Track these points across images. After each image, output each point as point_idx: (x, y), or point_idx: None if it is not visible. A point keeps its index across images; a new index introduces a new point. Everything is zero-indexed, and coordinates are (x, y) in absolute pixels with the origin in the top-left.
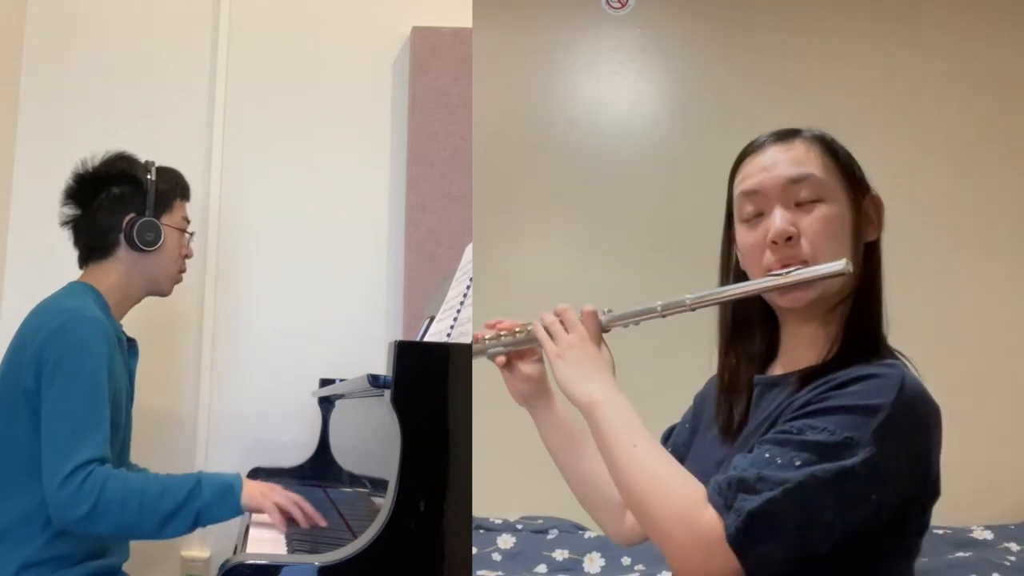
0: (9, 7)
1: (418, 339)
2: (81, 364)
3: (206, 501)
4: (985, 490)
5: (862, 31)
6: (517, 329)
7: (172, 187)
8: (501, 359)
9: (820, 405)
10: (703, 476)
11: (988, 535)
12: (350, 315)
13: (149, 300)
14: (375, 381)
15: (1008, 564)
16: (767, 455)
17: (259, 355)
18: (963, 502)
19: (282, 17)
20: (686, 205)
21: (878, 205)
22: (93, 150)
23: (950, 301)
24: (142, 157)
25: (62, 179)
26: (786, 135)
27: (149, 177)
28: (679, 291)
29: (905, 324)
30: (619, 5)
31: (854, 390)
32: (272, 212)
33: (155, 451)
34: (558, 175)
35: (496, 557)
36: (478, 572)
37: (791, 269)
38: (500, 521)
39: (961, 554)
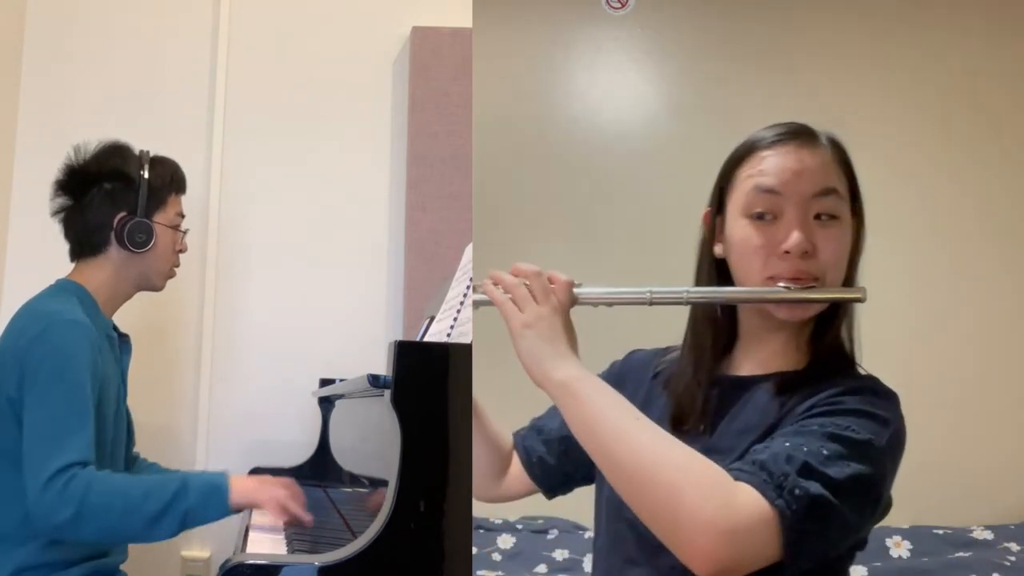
0: (9, 7)
1: (418, 339)
2: (62, 369)
3: (192, 502)
4: (985, 490)
5: (863, 31)
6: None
7: (166, 183)
8: None
9: (835, 407)
10: None
11: (988, 535)
12: (350, 315)
13: (148, 300)
14: (375, 381)
15: (1008, 564)
16: (787, 444)
17: (259, 355)
18: (963, 502)
19: (282, 17)
20: (686, 204)
21: (863, 223)
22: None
23: (949, 301)
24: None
25: None
26: (807, 134)
27: (142, 174)
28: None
29: (905, 323)
30: (619, 5)
31: (868, 399)
32: (272, 212)
33: (155, 451)
34: (558, 175)
35: (496, 557)
36: (478, 572)
37: (803, 284)
38: (500, 521)
39: (961, 554)
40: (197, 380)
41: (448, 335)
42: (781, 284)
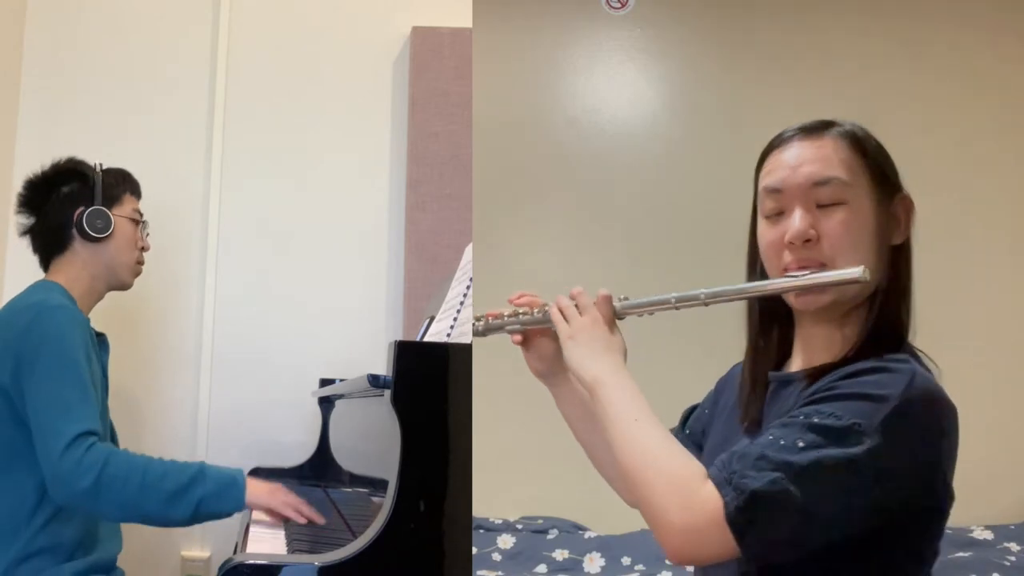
0: (9, 7)
1: (418, 339)
2: (59, 349)
3: (209, 490)
4: (985, 490)
5: (861, 30)
6: (536, 309)
7: (120, 181)
8: (517, 337)
9: (828, 393)
10: None
11: (988, 535)
12: (350, 315)
13: (148, 300)
14: (375, 381)
15: (1008, 564)
16: (771, 437)
17: (259, 355)
18: (963, 502)
19: (282, 17)
20: (686, 204)
21: (908, 206)
22: (93, 150)
23: (950, 299)
24: (140, 159)
25: None
26: (815, 129)
27: (96, 171)
28: (680, 290)
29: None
30: (619, 5)
31: (863, 380)
32: (272, 212)
33: (155, 451)
34: (558, 175)
35: (496, 557)
36: (478, 572)
37: (807, 272)
38: (500, 521)
39: (961, 554)
40: (197, 380)
41: (448, 335)
42: (789, 274)
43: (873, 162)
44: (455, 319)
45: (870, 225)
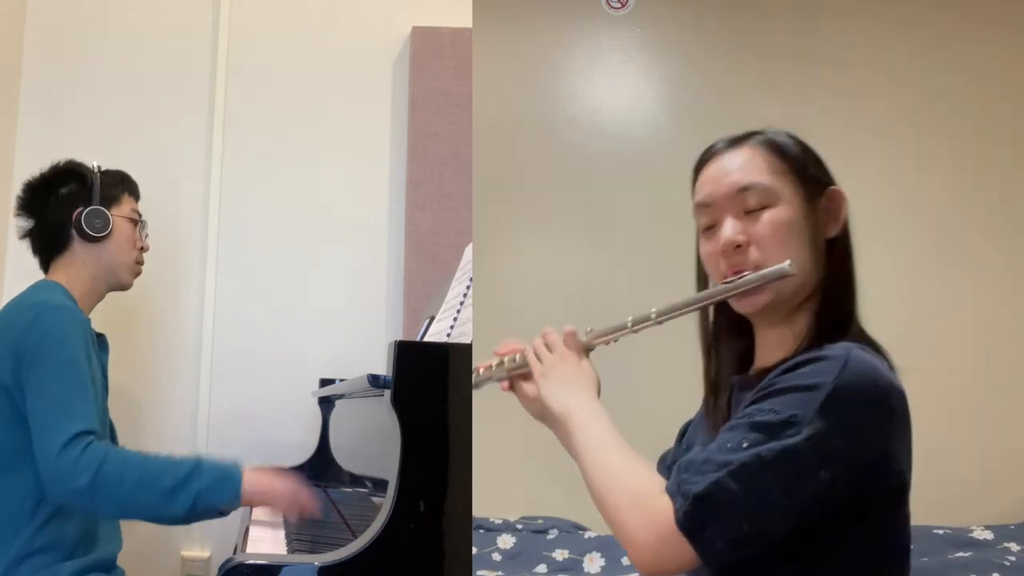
0: (9, 7)
1: (418, 339)
2: (59, 348)
3: (205, 483)
4: (985, 490)
5: (861, 32)
6: (517, 354)
7: (118, 182)
8: (505, 384)
9: (768, 390)
10: None
11: (988, 535)
12: (350, 315)
13: (148, 300)
14: (375, 381)
15: (1008, 564)
16: (719, 441)
17: (259, 355)
18: (963, 502)
19: (282, 17)
20: (686, 205)
21: (838, 200)
22: (93, 150)
23: (950, 301)
24: (140, 159)
25: None
26: (736, 140)
27: (94, 172)
28: (678, 292)
29: (906, 324)
30: (619, 5)
31: (799, 372)
32: (272, 212)
33: (154, 451)
34: (558, 175)
35: (496, 557)
36: (478, 572)
37: (741, 275)
38: (500, 521)
39: (961, 554)
40: (197, 380)
41: (448, 335)
42: (725, 280)
43: (796, 163)
44: (455, 319)
45: (799, 223)
